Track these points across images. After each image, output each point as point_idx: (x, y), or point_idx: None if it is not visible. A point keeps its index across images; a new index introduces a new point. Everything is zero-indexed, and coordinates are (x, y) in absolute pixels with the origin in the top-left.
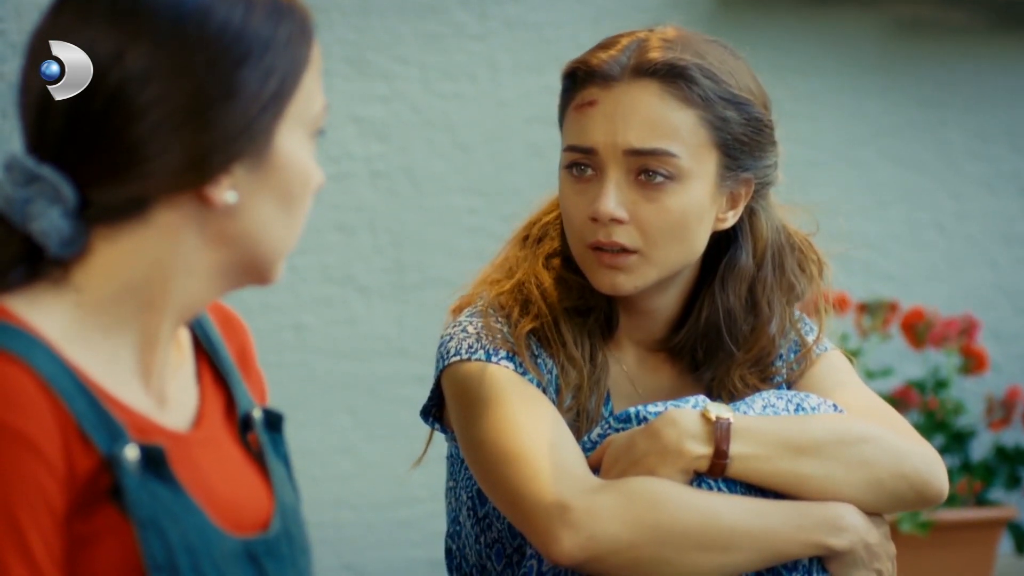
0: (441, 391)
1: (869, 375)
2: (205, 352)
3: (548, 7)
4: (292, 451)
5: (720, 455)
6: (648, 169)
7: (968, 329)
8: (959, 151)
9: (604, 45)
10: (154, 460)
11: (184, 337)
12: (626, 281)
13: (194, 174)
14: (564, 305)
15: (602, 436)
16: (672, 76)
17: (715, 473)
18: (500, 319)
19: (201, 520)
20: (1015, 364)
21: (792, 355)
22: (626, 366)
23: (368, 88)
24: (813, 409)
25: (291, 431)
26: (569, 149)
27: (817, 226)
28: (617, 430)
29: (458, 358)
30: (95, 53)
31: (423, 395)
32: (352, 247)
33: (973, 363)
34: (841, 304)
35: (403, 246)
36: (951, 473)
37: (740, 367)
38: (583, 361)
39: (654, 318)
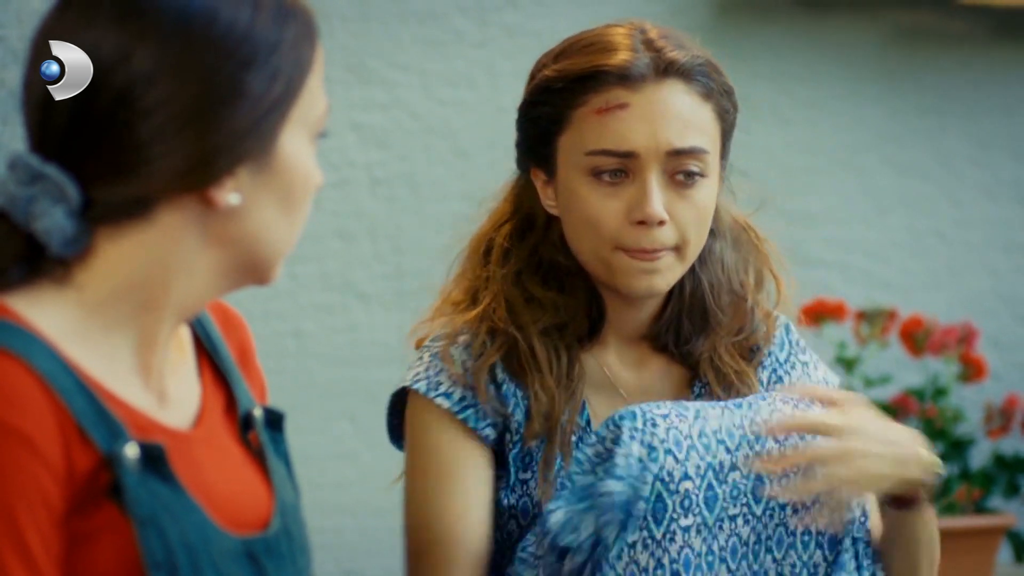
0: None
1: (868, 383)
2: (205, 350)
3: (548, 14)
4: (292, 456)
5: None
6: (685, 168)
7: (967, 337)
8: (959, 159)
9: (605, 46)
10: (154, 458)
11: (185, 335)
12: (661, 281)
13: (198, 176)
14: (539, 326)
15: (598, 455)
16: (694, 74)
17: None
18: (462, 349)
19: (201, 519)
20: (1014, 372)
21: (759, 324)
22: (607, 367)
23: (368, 95)
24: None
25: (291, 437)
26: (601, 153)
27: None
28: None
29: (403, 383)
30: (101, 53)
31: None
32: (352, 254)
33: (972, 371)
34: (839, 312)
35: (403, 253)
36: (950, 481)
37: (725, 340)
38: (557, 382)
39: (646, 306)
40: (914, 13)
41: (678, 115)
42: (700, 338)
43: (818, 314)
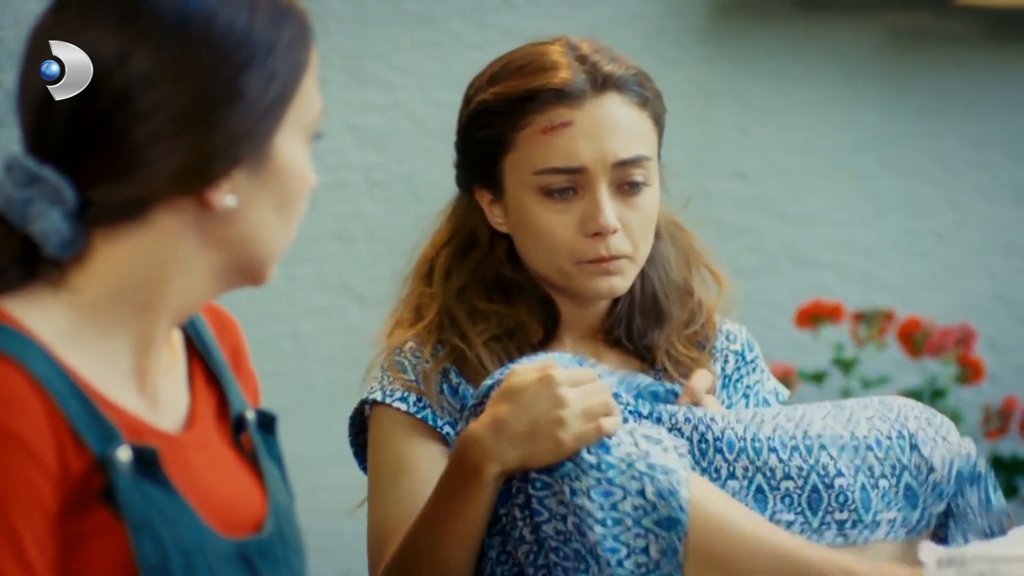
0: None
1: (865, 384)
2: (198, 352)
3: (545, 17)
4: (289, 459)
5: None
6: (630, 179)
7: (965, 338)
8: (958, 160)
9: (541, 66)
10: (147, 461)
11: (176, 338)
12: (621, 282)
13: (195, 178)
14: (483, 338)
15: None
16: (629, 84)
17: None
18: (410, 359)
19: (194, 521)
20: (1012, 374)
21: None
22: None
23: (365, 97)
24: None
25: (287, 439)
26: (550, 172)
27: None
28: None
29: (362, 396)
30: (98, 54)
31: None
32: (350, 256)
33: (970, 372)
34: (837, 313)
35: (400, 255)
36: None
37: (677, 332)
38: None
39: (597, 305)
40: (912, 14)
41: (620, 127)
42: (654, 331)
43: (816, 315)
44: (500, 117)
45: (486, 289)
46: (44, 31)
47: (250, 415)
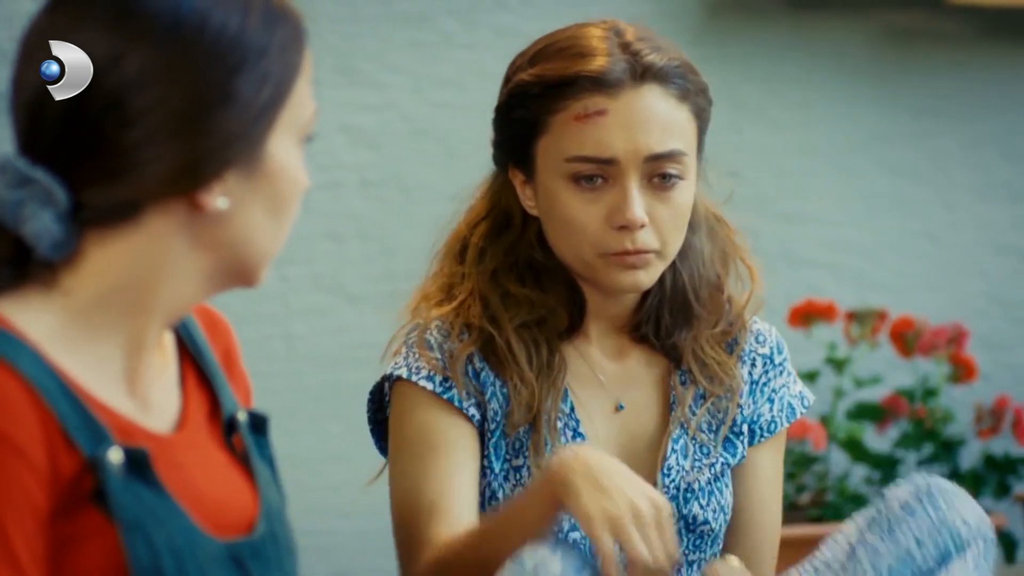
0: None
1: (858, 384)
2: (189, 354)
3: (538, 16)
4: (283, 460)
5: None
6: (663, 172)
7: (957, 338)
8: (952, 160)
9: (581, 50)
10: (138, 463)
11: (168, 339)
12: (645, 277)
13: (187, 180)
14: (515, 323)
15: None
16: (671, 77)
17: None
18: (437, 339)
19: (186, 523)
20: (1005, 373)
21: (734, 318)
22: (588, 358)
23: (358, 97)
24: None
25: (281, 440)
26: (580, 160)
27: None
28: None
29: (382, 374)
30: (91, 56)
31: None
32: (343, 256)
33: (962, 372)
34: (830, 312)
35: (394, 255)
36: None
37: (705, 331)
38: (537, 373)
39: (626, 299)
40: (906, 13)
41: (656, 120)
42: (682, 330)
43: (808, 315)
44: (536, 99)
45: (519, 273)
46: (37, 32)
47: (242, 416)
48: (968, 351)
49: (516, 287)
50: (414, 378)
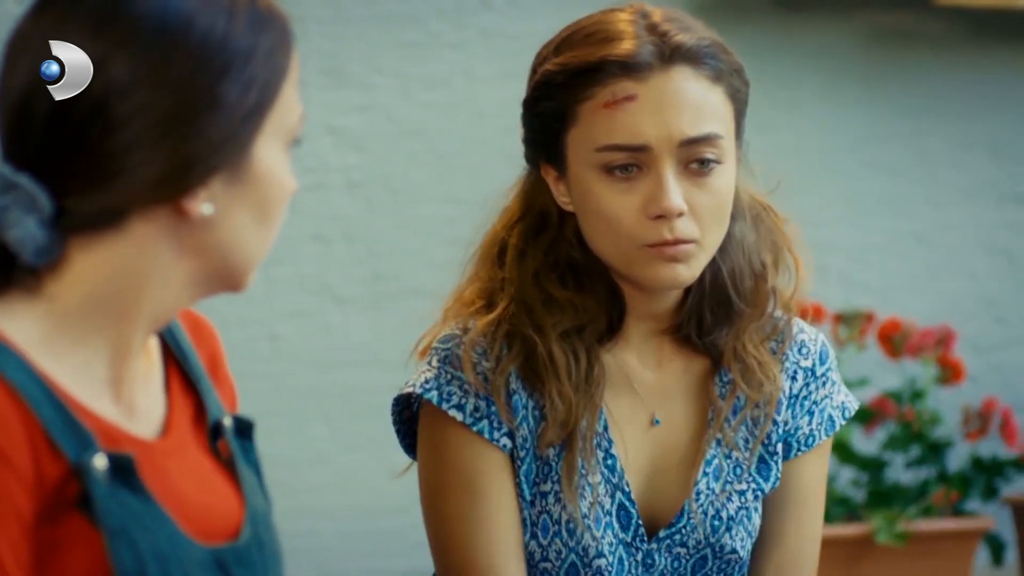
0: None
1: (845, 385)
2: (175, 359)
3: (524, 17)
4: (268, 461)
5: None
6: (700, 157)
7: (944, 339)
8: (939, 161)
9: (607, 35)
10: (123, 469)
11: (153, 344)
12: (685, 271)
13: (172, 186)
14: (558, 330)
15: None
16: (702, 57)
17: None
18: (473, 357)
19: (171, 529)
20: (992, 375)
21: (780, 315)
22: (626, 365)
23: (344, 98)
24: None
25: (267, 441)
26: (612, 149)
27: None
28: None
29: (411, 388)
30: None
31: None
32: (328, 257)
33: (949, 373)
34: (817, 314)
35: (380, 256)
36: (927, 484)
37: (748, 328)
38: (575, 388)
39: (667, 296)
40: (893, 14)
41: (689, 102)
42: (724, 328)
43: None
44: (563, 89)
45: (560, 274)
46: (22, 35)
47: (227, 421)
48: (956, 353)
49: (558, 289)
50: (444, 406)
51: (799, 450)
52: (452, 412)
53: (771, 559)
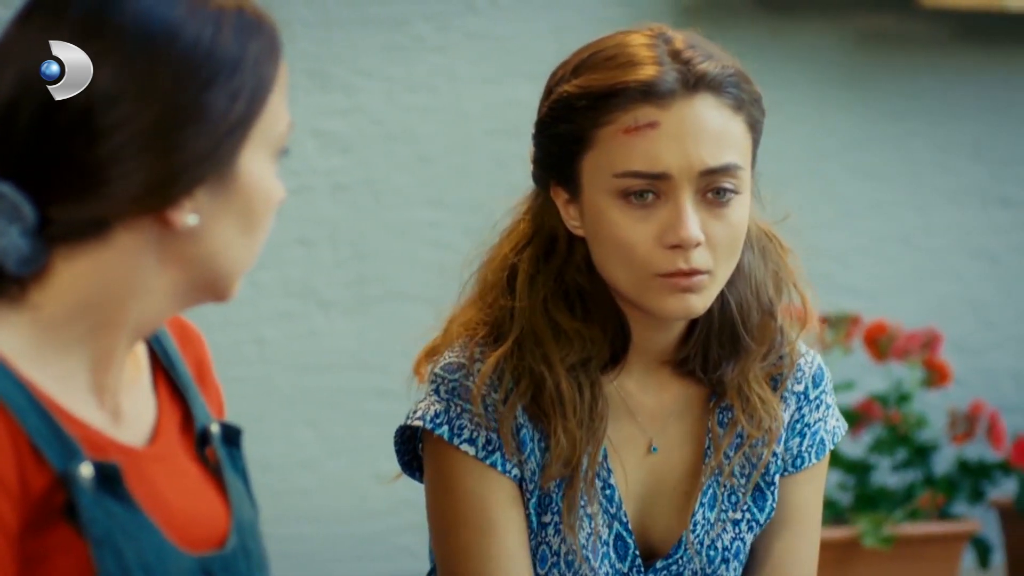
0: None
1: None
2: (162, 366)
3: (509, 20)
4: (254, 465)
5: None
6: (718, 187)
7: (930, 342)
8: (924, 164)
9: (628, 59)
10: (109, 477)
11: (140, 351)
12: (698, 302)
13: (156, 197)
14: (567, 363)
15: None
16: (724, 86)
17: None
18: (483, 390)
19: (157, 538)
20: (978, 377)
21: (785, 351)
22: (625, 392)
23: (329, 101)
24: None
25: (252, 445)
26: (630, 175)
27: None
28: None
29: (420, 422)
30: None
31: (385, 408)
32: (313, 261)
33: (936, 376)
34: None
35: (365, 259)
36: (914, 487)
37: (754, 364)
38: (579, 424)
39: (674, 327)
40: (878, 17)
41: (710, 132)
42: (730, 364)
43: None
44: (581, 112)
45: (568, 302)
46: (7, 43)
47: (214, 428)
48: (942, 356)
49: (567, 320)
50: (455, 441)
51: (786, 470)
52: (464, 447)
53: None
